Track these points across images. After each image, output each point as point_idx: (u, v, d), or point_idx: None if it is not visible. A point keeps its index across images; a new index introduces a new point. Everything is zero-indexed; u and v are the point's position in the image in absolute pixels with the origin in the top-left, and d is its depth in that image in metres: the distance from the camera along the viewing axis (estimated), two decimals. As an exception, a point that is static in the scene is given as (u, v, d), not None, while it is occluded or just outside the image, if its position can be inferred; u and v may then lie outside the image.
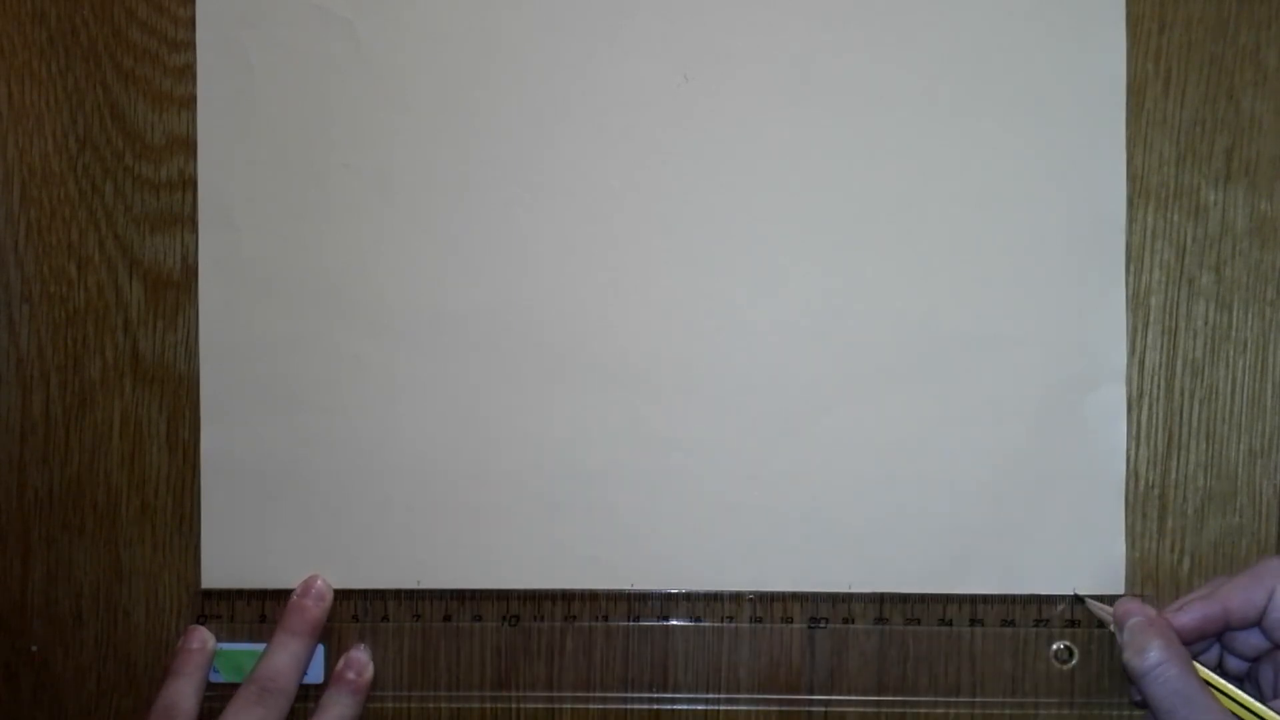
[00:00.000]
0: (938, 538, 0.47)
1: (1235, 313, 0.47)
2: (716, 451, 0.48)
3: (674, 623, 0.48)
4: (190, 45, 0.49)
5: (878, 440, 0.48)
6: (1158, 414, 0.47)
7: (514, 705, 0.48)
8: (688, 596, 0.48)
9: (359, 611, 0.48)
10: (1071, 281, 0.47)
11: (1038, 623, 0.47)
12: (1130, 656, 0.42)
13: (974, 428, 0.47)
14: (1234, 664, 0.45)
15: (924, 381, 0.47)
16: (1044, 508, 0.47)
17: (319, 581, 0.48)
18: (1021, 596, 0.47)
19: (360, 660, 0.48)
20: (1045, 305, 0.47)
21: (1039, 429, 0.47)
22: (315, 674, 0.48)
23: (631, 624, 0.48)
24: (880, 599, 0.48)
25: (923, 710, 0.48)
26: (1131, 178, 0.47)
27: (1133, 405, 0.47)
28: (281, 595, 0.48)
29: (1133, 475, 0.47)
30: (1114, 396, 0.47)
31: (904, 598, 0.48)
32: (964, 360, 0.47)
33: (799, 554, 0.48)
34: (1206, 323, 0.48)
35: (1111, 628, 0.45)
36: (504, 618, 0.48)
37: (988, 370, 0.47)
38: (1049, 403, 0.47)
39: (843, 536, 0.48)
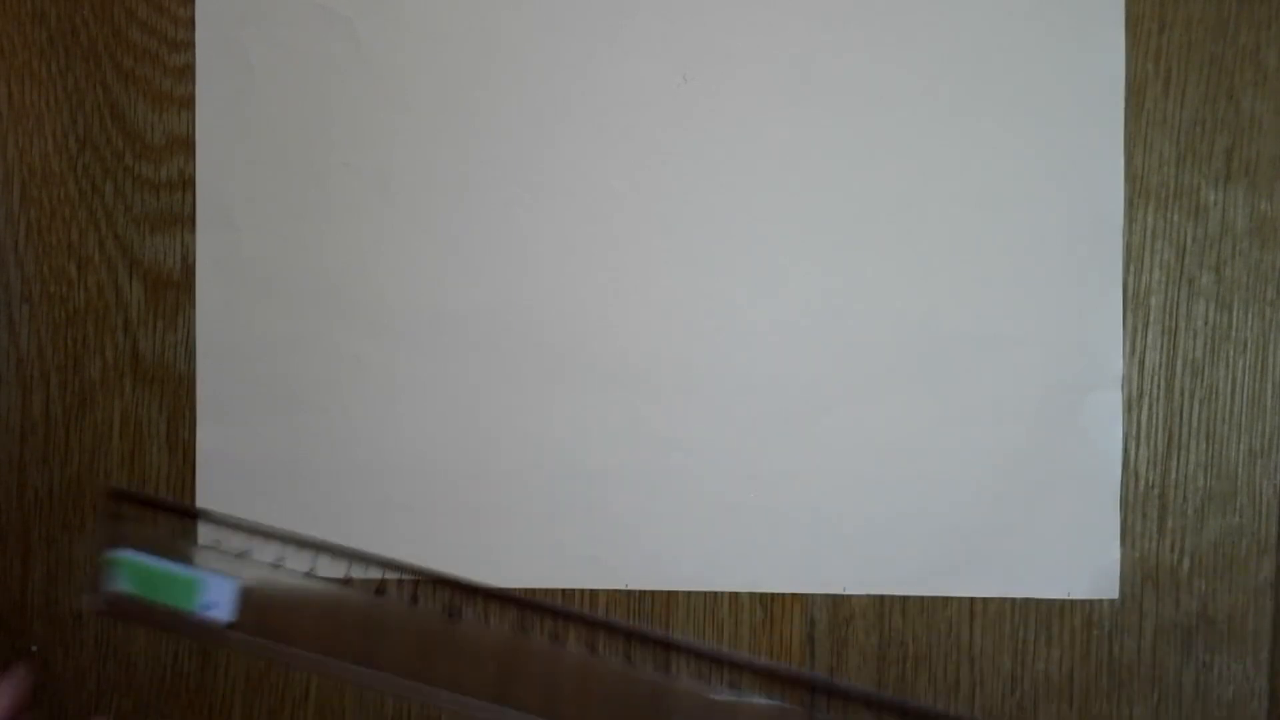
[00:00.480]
0: (937, 538, 0.47)
1: (1235, 313, 0.47)
2: (716, 451, 0.48)
3: (673, 624, 0.48)
4: (190, 45, 0.49)
5: (877, 440, 0.48)
6: (1157, 414, 0.47)
7: (514, 704, 0.48)
8: (688, 596, 0.48)
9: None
10: (1071, 282, 0.47)
11: (1037, 623, 0.47)
12: None
13: (973, 428, 0.47)
14: None
15: (923, 381, 0.47)
16: (1040, 510, 0.47)
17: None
18: (1020, 597, 0.47)
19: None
20: (1045, 306, 0.47)
21: (1036, 431, 0.47)
22: (226, 611, 0.40)
23: (632, 624, 0.48)
24: (880, 600, 0.48)
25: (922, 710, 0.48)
26: (1131, 178, 0.47)
27: (1132, 405, 0.47)
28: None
29: (1132, 475, 0.47)
30: (1110, 400, 0.47)
31: (903, 598, 0.48)
32: (963, 360, 0.47)
33: (799, 554, 0.48)
34: (1206, 323, 0.48)
35: None
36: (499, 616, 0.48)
37: (987, 371, 0.47)
38: (1046, 405, 0.47)
39: (842, 536, 0.48)
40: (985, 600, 0.47)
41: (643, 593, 0.48)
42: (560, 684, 0.41)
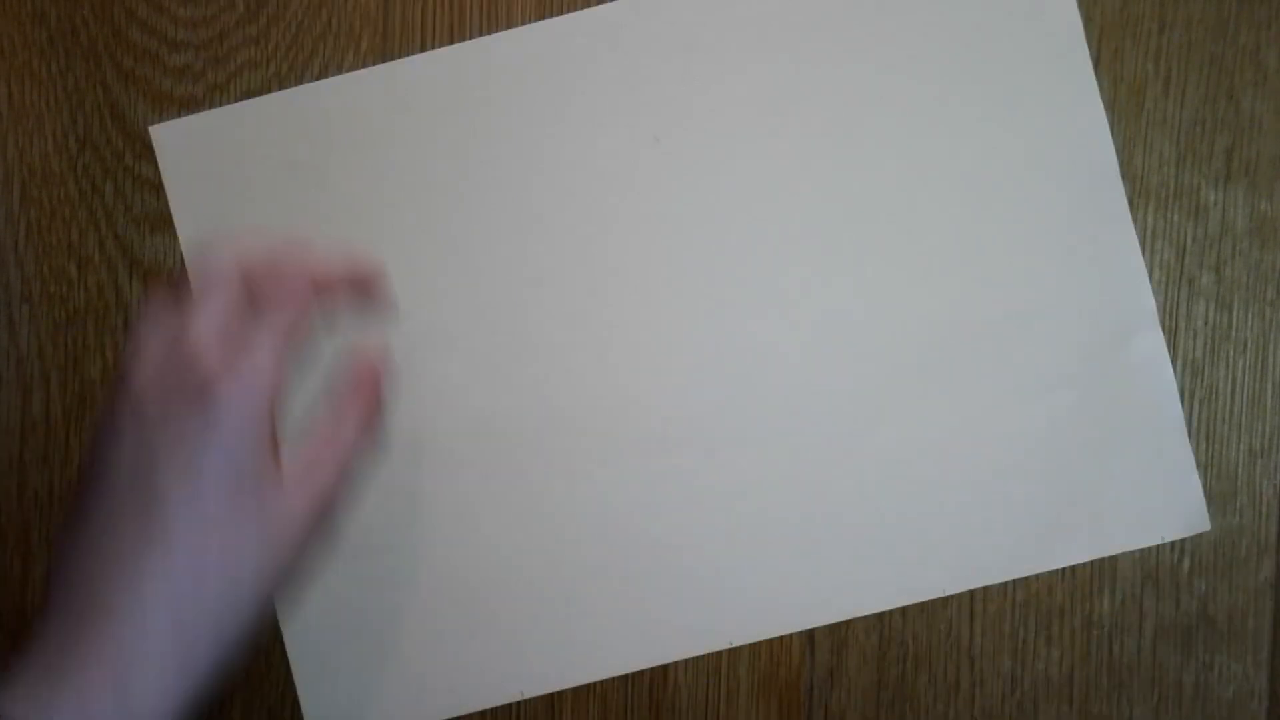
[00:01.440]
0: (1018, 519, 0.47)
1: (1235, 313, 0.47)
2: (764, 497, 0.48)
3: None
4: (190, 45, 0.49)
5: (936, 440, 0.47)
6: (1158, 414, 0.47)
7: (514, 703, 0.48)
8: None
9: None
10: (1084, 240, 0.47)
11: (1037, 623, 0.47)
12: None
13: (1028, 403, 0.47)
14: None
15: (965, 372, 0.47)
16: (1113, 462, 0.46)
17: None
18: (1021, 596, 0.47)
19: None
20: (1064, 272, 0.47)
21: (1089, 388, 0.47)
22: None
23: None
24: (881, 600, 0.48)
25: (922, 709, 0.48)
26: (1131, 178, 0.47)
27: (1133, 405, 0.47)
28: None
29: (1133, 475, 0.47)
30: (1153, 339, 0.47)
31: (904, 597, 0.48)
32: (1001, 341, 0.47)
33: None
34: (1206, 323, 0.48)
35: None
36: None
37: (1023, 346, 0.47)
38: (1090, 360, 0.47)
39: (931, 542, 0.47)
40: (985, 600, 0.47)
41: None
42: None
